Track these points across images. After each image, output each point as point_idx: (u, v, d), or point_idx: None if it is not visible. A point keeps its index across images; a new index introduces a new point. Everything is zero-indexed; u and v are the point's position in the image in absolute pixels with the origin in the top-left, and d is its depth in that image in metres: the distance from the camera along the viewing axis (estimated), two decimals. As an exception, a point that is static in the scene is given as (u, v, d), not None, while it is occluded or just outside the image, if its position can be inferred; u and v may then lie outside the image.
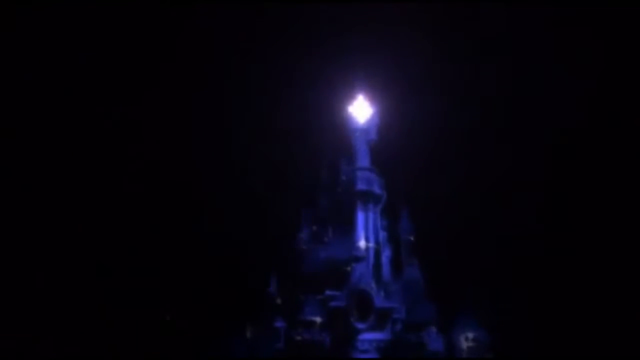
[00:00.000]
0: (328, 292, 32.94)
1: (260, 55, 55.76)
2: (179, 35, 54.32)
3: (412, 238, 35.88)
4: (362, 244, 34.13)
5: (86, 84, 52.73)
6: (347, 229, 35.07)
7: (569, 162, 50.87)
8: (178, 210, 50.98)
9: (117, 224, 48.81)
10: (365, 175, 35.68)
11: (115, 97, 53.31)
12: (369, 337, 31.24)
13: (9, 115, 48.64)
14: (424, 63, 52.44)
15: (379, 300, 32.16)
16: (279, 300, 35.43)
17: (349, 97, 38.11)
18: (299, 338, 31.19)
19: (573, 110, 50.21)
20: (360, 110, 37.73)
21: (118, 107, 53.21)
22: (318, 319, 31.51)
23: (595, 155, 49.84)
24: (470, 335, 31.48)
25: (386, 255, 35.62)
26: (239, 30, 54.95)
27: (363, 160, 36.31)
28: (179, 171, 52.26)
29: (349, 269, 33.05)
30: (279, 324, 33.47)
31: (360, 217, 35.03)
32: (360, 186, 35.33)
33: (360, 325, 31.27)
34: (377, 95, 38.56)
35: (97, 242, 47.59)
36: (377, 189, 35.76)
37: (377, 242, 35.07)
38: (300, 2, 50.78)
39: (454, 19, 52.71)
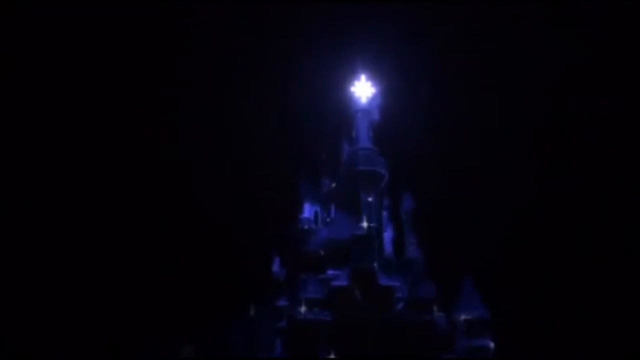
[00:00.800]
0: (330, 272, 33.13)
1: (261, 37, 55.55)
2: (181, 19, 54.23)
3: (413, 217, 35.91)
4: (364, 223, 34.20)
5: (87, 82, 52.70)
6: (349, 209, 35.14)
7: (571, 143, 50.81)
8: (182, 192, 51.20)
9: (120, 206, 49.11)
10: (367, 155, 35.66)
11: (119, 90, 53.37)
12: (371, 315, 31.38)
13: (9, 116, 48.67)
14: (428, 42, 52.18)
15: (382, 279, 32.32)
16: (281, 280, 35.67)
17: (352, 77, 37.89)
18: (301, 317, 31.38)
19: (572, 97, 50.12)
20: (363, 90, 37.54)
21: (122, 98, 53.31)
22: (320, 298, 31.65)
23: (596, 142, 49.81)
24: (471, 313, 31.62)
25: (388, 234, 35.73)
26: (240, 12, 54.72)
27: (365, 140, 36.26)
28: (181, 153, 52.44)
29: (351, 248, 33.15)
30: (282, 303, 33.71)
31: (362, 196, 35.04)
32: (362, 166, 35.31)
33: (362, 304, 31.43)
34: (380, 75, 38.37)
35: (98, 224, 47.91)
36: (379, 169, 35.73)
37: (378, 221, 35.15)
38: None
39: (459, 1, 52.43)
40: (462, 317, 31.91)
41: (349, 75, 37.79)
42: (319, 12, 51.29)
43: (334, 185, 37.84)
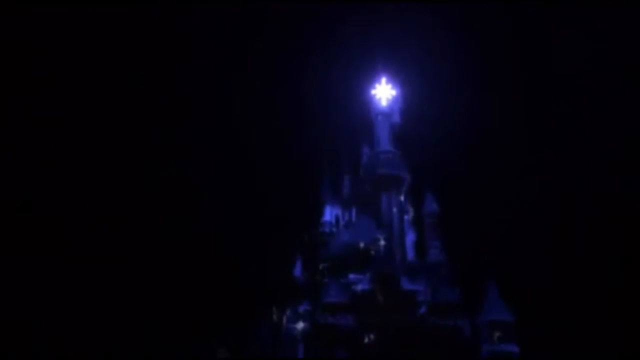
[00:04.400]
0: (352, 276, 32.97)
1: (281, 40, 55.67)
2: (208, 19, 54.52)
3: (435, 220, 35.60)
4: (385, 227, 34.00)
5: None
6: (370, 212, 35.00)
7: (599, 142, 50.09)
8: (206, 196, 51.48)
9: (144, 209, 49.46)
10: (388, 159, 35.48)
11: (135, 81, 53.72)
12: (394, 320, 31.16)
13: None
14: (449, 45, 51.88)
15: (404, 283, 32.07)
16: (303, 284, 35.60)
17: (372, 79, 37.75)
18: (323, 321, 31.28)
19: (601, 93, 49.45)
20: (384, 92, 37.39)
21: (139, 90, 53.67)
22: (343, 302, 31.52)
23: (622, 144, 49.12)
24: (495, 317, 31.19)
25: (410, 237, 35.49)
26: (261, 15, 54.91)
27: (386, 143, 36.08)
28: (205, 156, 52.76)
29: (372, 252, 32.99)
30: (304, 307, 33.62)
31: (383, 200, 34.87)
32: (383, 169, 35.15)
33: (385, 308, 31.23)
34: (401, 77, 38.21)
35: (129, 225, 48.28)
36: (400, 172, 35.52)
37: (400, 224, 34.90)
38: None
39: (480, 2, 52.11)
40: (487, 321, 31.49)
41: (370, 78, 37.68)
42: (340, 16, 51.31)
43: (355, 188, 37.73)
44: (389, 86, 37.33)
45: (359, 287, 31.85)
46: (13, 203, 46.85)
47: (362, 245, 33.71)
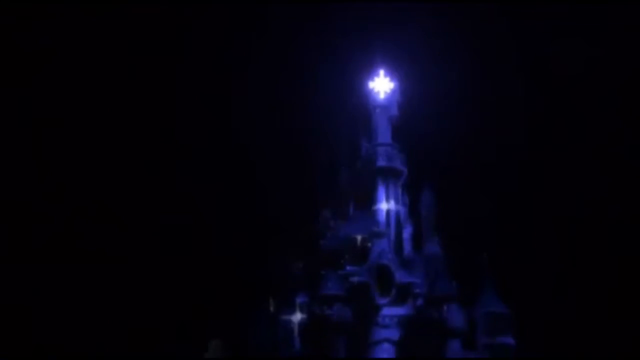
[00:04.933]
0: (349, 268, 33.15)
1: (277, 31, 55.47)
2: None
3: (433, 214, 35.70)
4: (382, 219, 34.18)
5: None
6: (368, 205, 35.12)
7: (598, 141, 50.18)
8: (202, 189, 51.55)
9: (138, 202, 49.59)
10: (386, 151, 35.52)
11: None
12: (390, 312, 31.39)
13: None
14: (448, 38, 51.80)
15: (400, 276, 32.28)
16: (301, 276, 35.72)
17: (370, 72, 37.69)
18: (320, 313, 31.47)
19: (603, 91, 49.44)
20: (381, 85, 37.35)
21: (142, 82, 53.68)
22: (339, 294, 31.67)
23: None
24: (491, 310, 31.38)
25: (407, 231, 35.60)
26: (256, 5, 54.75)
27: (384, 136, 36.12)
28: (202, 148, 52.79)
29: (369, 244, 33.15)
30: (301, 299, 33.79)
31: (380, 193, 35.03)
32: (381, 162, 35.21)
33: (381, 301, 31.48)
34: (399, 70, 38.14)
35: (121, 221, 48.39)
36: (398, 165, 35.62)
37: (397, 217, 35.06)
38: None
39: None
40: (483, 313, 31.67)
41: (367, 71, 37.60)
42: (338, 8, 51.13)
43: (352, 181, 37.77)
44: (387, 79, 37.29)
45: (356, 279, 32.02)
46: (12, 203, 46.97)
47: (359, 237, 33.86)
